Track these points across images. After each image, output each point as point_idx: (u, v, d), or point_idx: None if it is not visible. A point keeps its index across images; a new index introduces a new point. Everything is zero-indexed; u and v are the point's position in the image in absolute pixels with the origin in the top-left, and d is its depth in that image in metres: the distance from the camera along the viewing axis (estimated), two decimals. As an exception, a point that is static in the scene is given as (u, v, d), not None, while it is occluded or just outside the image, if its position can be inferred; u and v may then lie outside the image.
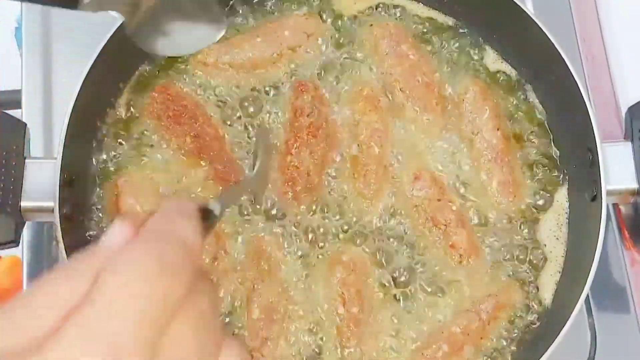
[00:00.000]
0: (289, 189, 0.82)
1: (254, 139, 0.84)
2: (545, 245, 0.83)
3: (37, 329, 0.41)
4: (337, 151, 0.84)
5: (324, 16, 0.90)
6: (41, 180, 0.77)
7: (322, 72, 0.88)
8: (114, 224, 0.46)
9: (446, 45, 0.90)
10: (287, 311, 0.78)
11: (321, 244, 0.81)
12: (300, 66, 0.88)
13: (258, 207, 0.82)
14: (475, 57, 0.90)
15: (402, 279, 0.80)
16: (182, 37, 0.73)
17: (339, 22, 0.90)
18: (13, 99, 0.96)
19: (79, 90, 0.78)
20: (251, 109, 0.86)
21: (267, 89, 0.87)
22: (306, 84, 0.86)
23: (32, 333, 0.41)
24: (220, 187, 0.83)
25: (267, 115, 0.86)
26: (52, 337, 0.40)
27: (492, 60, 0.90)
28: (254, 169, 0.69)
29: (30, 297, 0.43)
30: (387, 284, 0.80)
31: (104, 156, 0.85)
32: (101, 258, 0.43)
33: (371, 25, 0.90)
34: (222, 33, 0.73)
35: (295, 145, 0.83)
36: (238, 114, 0.86)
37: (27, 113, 0.95)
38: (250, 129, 0.85)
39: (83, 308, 0.41)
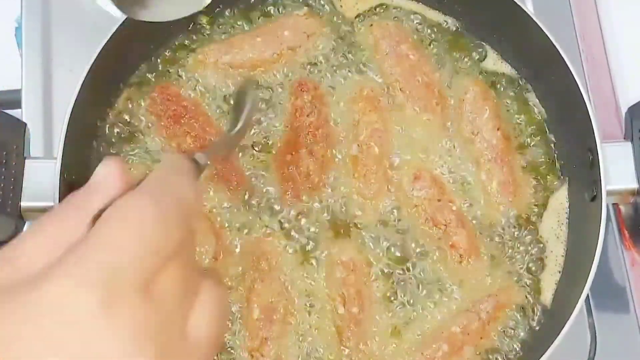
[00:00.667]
0: (289, 189, 0.82)
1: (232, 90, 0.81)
2: (545, 245, 0.83)
3: (32, 266, 0.43)
4: (337, 151, 0.84)
5: (325, 16, 0.90)
6: (41, 180, 0.77)
7: (322, 72, 0.88)
8: (101, 165, 0.48)
9: (446, 45, 0.90)
10: (287, 311, 0.78)
11: (321, 244, 0.81)
12: (301, 66, 0.88)
13: (257, 206, 0.82)
14: (475, 57, 0.90)
15: (402, 278, 0.80)
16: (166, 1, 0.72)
17: (339, 23, 0.90)
18: (13, 99, 0.96)
19: (79, 90, 0.78)
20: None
21: (267, 88, 0.87)
22: (306, 83, 0.86)
23: (26, 270, 0.43)
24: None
25: (268, 114, 0.86)
26: (48, 271, 0.41)
27: (492, 60, 0.90)
28: (237, 123, 0.72)
29: (24, 239, 0.45)
30: (386, 284, 0.80)
31: (104, 156, 0.84)
32: (93, 199, 0.46)
33: (371, 25, 0.90)
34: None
35: (295, 145, 0.83)
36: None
37: (27, 113, 0.95)
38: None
39: (80, 244, 0.42)
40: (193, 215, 0.48)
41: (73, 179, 0.79)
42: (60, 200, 0.75)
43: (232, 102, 0.83)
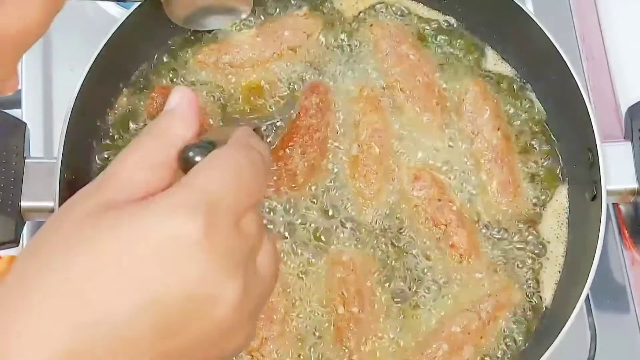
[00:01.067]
0: (273, 184, 0.82)
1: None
2: (545, 245, 0.83)
3: (123, 191, 0.48)
4: (329, 159, 0.84)
5: (324, 16, 0.90)
6: (41, 180, 0.77)
7: (323, 72, 0.88)
8: (173, 93, 0.54)
9: (446, 45, 0.90)
10: (287, 311, 0.78)
11: (321, 244, 0.81)
12: (301, 67, 0.88)
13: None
14: (475, 57, 0.90)
15: (402, 278, 0.80)
16: (213, 13, 0.85)
17: (340, 22, 0.90)
18: (13, 99, 0.97)
19: (79, 90, 0.78)
20: (251, 109, 0.86)
21: (267, 89, 0.87)
22: (318, 86, 0.86)
23: (117, 195, 0.48)
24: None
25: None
26: (152, 198, 0.47)
27: (492, 60, 0.90)
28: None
29: (114, 172, 0.49)
30: (386, 284, 0.80)
31: (104, 156, 0.85)
32: (171, 125, 0.52)
33: (371, 25, 0.90)
34: (249, 9, 0.87)
35: (290, 142, 0.83)
36: (238, 114, 0.86)
37: (27, 113, 0.95)
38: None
39: (182, 182, 0.48)
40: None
41: (73, 178, 0.79)
42: (60, 200, 0.75)
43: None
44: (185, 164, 0.50)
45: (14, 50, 0.55)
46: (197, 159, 0.50)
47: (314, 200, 0.83)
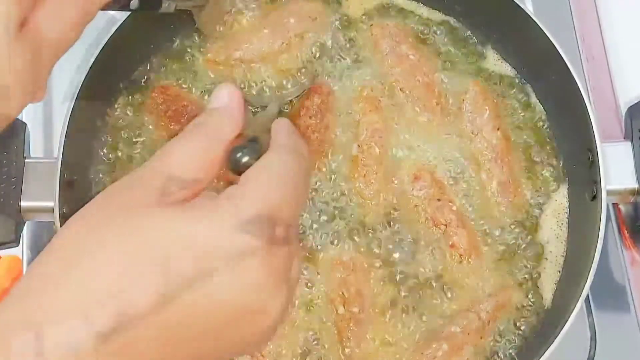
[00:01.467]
0: None
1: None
2: (545, 245, 0.83)
3: (190, 183, 0.49)
4: (324, 162, 0.84)
5: (329, 14, 0.90)
6: (41, 180, 0.77)
7: (324, 71, 0.87)
8: (219, 89, 0.54)
9: (446, 45, 0.90)
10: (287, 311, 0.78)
11: (322, 244, 0.81)
12: (308, 54, 0.87)
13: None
14: (475, 57, 0.90)
15: (402, 278, 0.80)
16: None
17: (342, 21, 0.90)
18: (13, 99, 0.96)
19: (79, 90, 0.78)
20: (258, 106, 0.86)
21: (272, 85, 0.87)
22: (321, 87, 0.86)
23: (186, 187, 0.48)
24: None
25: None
26: (223, 202, 0.47)
27: (492, 60, 0.90)
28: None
29: (176, 154, 0.50)
30: (387, 284, 0.80)
31: (104, 156, 0.85)
32: (223, 122, 0.52)
33: (371, 25, 0.90)
34: None
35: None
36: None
37: (27, 113, 0.95)
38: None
39: (235, 193, 0.48)
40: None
41: (73, 179, 0.79)
42: (59, 200, 0.75)
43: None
44: (234, 165, 0.51)
45: (51, 56, 0.55)
46: (245, 159, 0.51)
47: (313, 201, 0.83)
